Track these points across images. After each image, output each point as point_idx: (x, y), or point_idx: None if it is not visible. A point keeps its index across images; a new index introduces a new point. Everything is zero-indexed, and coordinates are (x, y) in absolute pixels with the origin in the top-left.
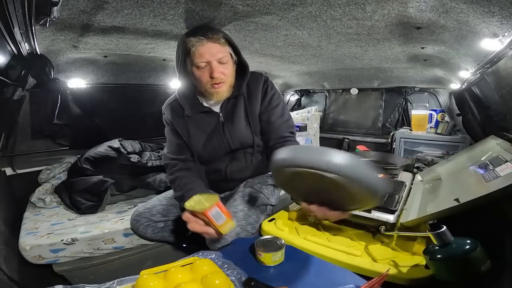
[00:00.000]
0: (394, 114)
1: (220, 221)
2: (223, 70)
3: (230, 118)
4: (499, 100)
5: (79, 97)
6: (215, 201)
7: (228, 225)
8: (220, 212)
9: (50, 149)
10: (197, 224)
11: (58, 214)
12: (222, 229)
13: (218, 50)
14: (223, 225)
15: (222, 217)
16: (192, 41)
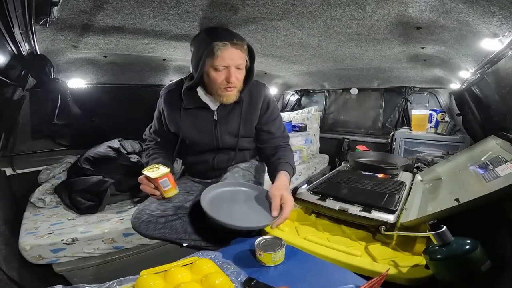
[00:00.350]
0: (394, 114)
1: (166, 187)
2: (238, 75)
3: (223, 120)
4: (499, 100)
5: (79, 97)
6: (166, 171)
7: (172, 191)
8: (167, 181)
9: (50, 149)
10: (148, 187)
11: (58, 214)
12: (165, 194)
13: (239, 56)
14: (168, 191)
15: (168, 185)
16: (219, 45)
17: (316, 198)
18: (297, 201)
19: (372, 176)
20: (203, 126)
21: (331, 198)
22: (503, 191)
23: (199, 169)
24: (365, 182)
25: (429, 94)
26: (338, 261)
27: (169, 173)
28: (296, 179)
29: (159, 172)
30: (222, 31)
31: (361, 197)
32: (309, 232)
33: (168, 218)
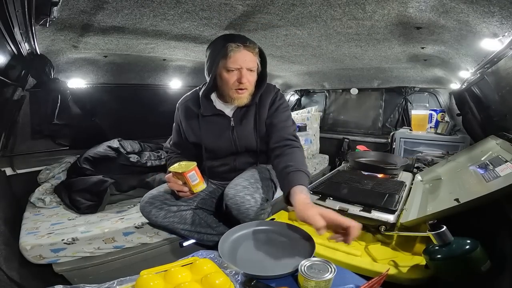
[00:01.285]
0: (394, 114)
1: (194, 181)
2: (250, 78)
3: (239, 124)
4: (499, 100)
5: (79, 97)
6: (193, 165)
7: (200, 185)
8: (195, 175)
9: (50, 149)
10: (176, 184)
11: (58, 214)
12: (194, 188)
13: (251, 59)
14: (196, 185)
15: (196, 179)
16: (232, 46)
17: (316, 198)
18: None
19: (372, 176)
20: (220, 132)
21: (331, 198)
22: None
23: (220, 171)
24: (365, 182)
25: (429, 94)
26: (338, 261)
27: (196, 167)
28: None
29: (186, 167)
30: (237, 35)
31: (361, 197)
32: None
33: (180, 208)
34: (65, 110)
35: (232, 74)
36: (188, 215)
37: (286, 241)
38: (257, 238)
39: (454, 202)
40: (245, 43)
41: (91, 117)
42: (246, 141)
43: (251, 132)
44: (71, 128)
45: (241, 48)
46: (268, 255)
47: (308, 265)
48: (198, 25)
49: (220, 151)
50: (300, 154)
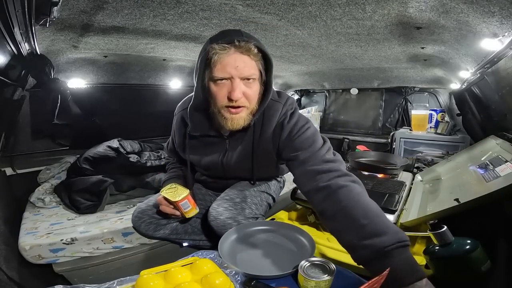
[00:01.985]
0: (394, 114)
1: (186, 209)
2: (247, 91)
3: (234, 148)
4: (499, 100)
5: (79, 97)
6: (186, 193)
7: (193, 212)
8: (188, 203)
9: (50, 149)
10: (168, 208)
11: (58, 214)
12: (187, 215)
13: (246, 64)
14: (189, 211)
15: (189, 206)
16: (215, 48)
17: None
18: (297, 201)
19: (372, 176)
20: (210, 153)
21: None
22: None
23: (211, 186)
24: (365, 182)
25: (429, 94)
26: (338, 261)
27: (189, 195)
28: None
29: (179, 195)
30: (226, 32)
31: None
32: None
33: (170, 220)
34: (65, 110)
35: (221, 86)
36: (179, 226)
37: (286, 241)
38: (257, 238)
39: (454, 202)
40: (233, 42)
41: (91, 117)
42: (238, 171)
43: (245, 162)
44: (71, 128)
45: (229, 50)
46: (268, 255)
47: (308, 265)
48: (198, 25)
49: (208, 171)
50: (362, 193)
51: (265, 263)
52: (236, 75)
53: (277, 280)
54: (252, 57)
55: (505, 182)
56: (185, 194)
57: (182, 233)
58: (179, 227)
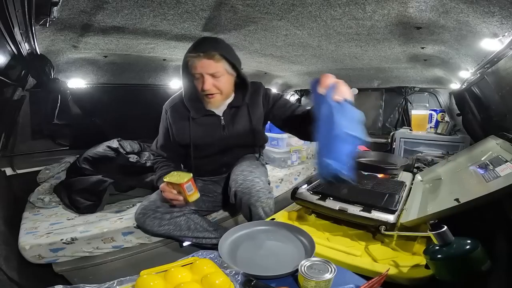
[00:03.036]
0: (394, 114)
1: (190, 192)
2: (215, 83)
3: (231, 122)
4: (499, 100)
5: (79, 97)
6: (189, 177)
7: (195, 195)
8: (191, 186)
9: (50, 149)
10: (171, 193)
11: (57, 213)
12: (190, 198)
13: (210, 65)
14: (192, 195)
15: (192, 189)
16: (190, 55)
17: (316, 198)
18: (297, 201)
19: (372, 176)
20: (212, 131)
21: (331, 198)
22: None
23: (209, 169)
24: (365, 182)
25: (429, 94)
26: (338, 261)
27: (192, 178)
28: (295, 179)
29: (182, 178)
30: (201, 42)
31: (361, 197)
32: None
33: (173, 215)
34: (65, 110)
35: (199, 80)
36: (182, 221)
37: (286, 241)
38: (257, 238)
39: (454, 202)
40: (203, 50)
41: (91, 117)
42: (240, 139)
43: (247, 130)
44: (71, 128)
45: (200, 56)
46: (268, 255)
47: (308, 265)
48: (198, 25)
49: (209, 149)
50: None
51: (265, 263)
52: (204, 72)
53: (277, 280)
54: (215, 60)
55: (505, 182)
56: (188, 177)
57: (185, 230)
58: (182, 222)
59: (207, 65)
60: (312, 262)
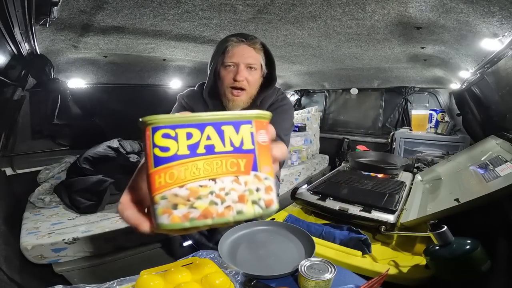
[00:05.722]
0: (394, 114)
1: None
2: (248, 77)
3: None
4: (499, 100)
5: (79, 97)
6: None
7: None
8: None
9: (50, 149)
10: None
11: (58, 214)
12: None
13: (250, 54)
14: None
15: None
16: (233, 40)
17: (316, 198)
18: (297, 201)
19: (372, 176)
20: None
21: (331, 198)
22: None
23: None
24: (365, 182)
25: (429, 94)
26: (338, 261)
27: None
28: (296, 179)
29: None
30: (242, 33)
31: (361, 197)
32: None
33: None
34: (65, 110)
35: (229, 71)
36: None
37: (286, 241)
38: (257, 238)
39: (454, 202)
40: (246, 38)
41: (91, 117)
42: None
43: None
44: (71, 128)
45: (241, 43)
46: (268, 255)
47: (308, 265)
48: (198, 25)
49: None
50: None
51: (265, 263)
52: (241, 61)
53: (277, 280)
54: (256, 50)
55: (505, 182)
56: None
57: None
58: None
59: (247, 53)
60: (312, 262)
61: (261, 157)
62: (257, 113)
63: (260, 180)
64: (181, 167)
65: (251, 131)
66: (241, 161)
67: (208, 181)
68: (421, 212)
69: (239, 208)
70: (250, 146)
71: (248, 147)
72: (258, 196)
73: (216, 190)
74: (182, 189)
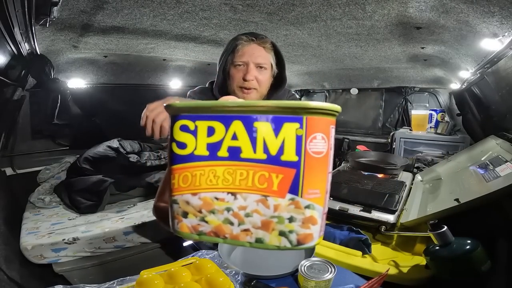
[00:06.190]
0: (394, 114)
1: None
2: (258, 76)
3: None
4: (499, 100)
5: (79, 97)
6: None
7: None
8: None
9: (50, 149)
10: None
11: (58, 214)
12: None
13: (260, 54)
14: None
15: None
16: (242, 39)
17: None
18: None
19: (372, 176)
20: None
21: (331, 198)
22: (503, 191)
23: None
24: (365, 182)
25: (429, 94)
26: (338, 261)
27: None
28: None
29: None
30: (252, 32)
31: (361, 197)
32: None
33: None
34: (65, 110)
35: (239, 69)
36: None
37: None
38: None
39: (454, 202)
40: (256, 37)
41: (91, 117)
42: None
43: None
44: (71, 128)
45: (250, 42)
46: (268, 255)
47: (308, 265)
48: (198, 25)
49: None
50: None
51: (265, 263)
52: (252, 60)
53: (277, 280)
54: (266, 50)
55: (505, 182)
56: None
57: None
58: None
59: (257, 52)
60: (312, 262)
61: (310, 175)
62: (314, 106)
63: (299, 208)
64: (196, 170)
65: (298, 134)
66: (275, 176)
67: (226, 195)
68: (421, 212)
69: (260, 235)
70: (294, 157)
71: (290, 158)
72: (290, 228)
73: (234, 208)
74: (194, 197)
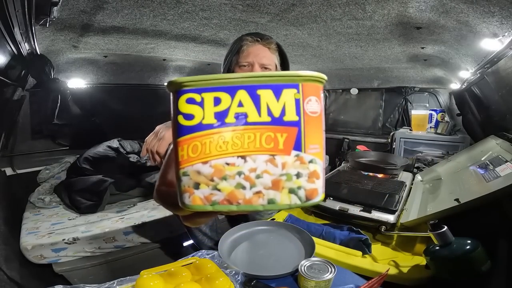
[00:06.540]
0: (394, 114)
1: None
2: None
3: None
4: (499, 100)
5: (79, 97)
6: None
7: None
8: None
9: (50, 149)
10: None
11: (58, 214)
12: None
13: (265, 55)
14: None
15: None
16: (248, 39)
17: None
18: None
19: (372, 176)
20: None
21: (331, 198)
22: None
23: None
24: (365, 182)
25: (429, 94)
26: (338, 261)
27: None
28: None
29: None
30: (256, 32)
31: (361, 197)
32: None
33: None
34: (65, 110)
35: (244, 70)
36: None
37: (286, 241)
38: (257, 238)
39: (454, 202)
40: (261, 38)
41: (91, 117)
42: None
43: None
44: (71, 128)
45: (255, 42)
46: (268, 255)
47: (308, 265)
48: (198, 25)
49: None
50: None
51: (265, 263)
52: (256, 60)
53: (277, 280)
54: (270, 51)
55: (505, 182)
56: None
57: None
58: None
59: (262, 53)
60: (312, 262)
61: (309, 132)
62: (307, 74)
63: (304, 163)
64: (205, 139)
65: (296, 98)
66: (280, 136)
67: (236, 159)
68: (421, 212)
69: (271, 196)
70: (294, 117)
71: (292, 118)
72: (298, 184)
73: (245, 171)
74: (205, 165)
